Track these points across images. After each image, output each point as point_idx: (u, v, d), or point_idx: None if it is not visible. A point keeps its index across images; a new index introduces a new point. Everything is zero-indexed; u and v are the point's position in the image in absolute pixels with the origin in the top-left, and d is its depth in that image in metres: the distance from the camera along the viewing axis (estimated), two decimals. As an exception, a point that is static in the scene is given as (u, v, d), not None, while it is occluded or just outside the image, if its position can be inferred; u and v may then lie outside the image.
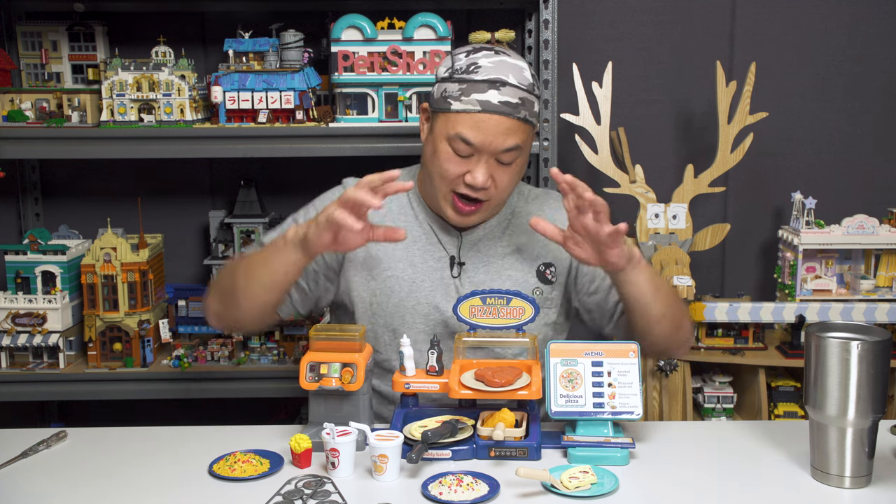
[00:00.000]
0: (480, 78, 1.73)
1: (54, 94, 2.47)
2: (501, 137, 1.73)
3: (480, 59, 1.75)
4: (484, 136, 1.72)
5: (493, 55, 1.76)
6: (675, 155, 2.78)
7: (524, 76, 1.76)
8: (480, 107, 1.72)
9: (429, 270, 1.86)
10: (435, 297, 1.85)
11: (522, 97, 1.74)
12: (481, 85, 1.72)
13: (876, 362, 1.44)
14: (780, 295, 2.62)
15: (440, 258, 1.87)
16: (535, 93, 1.78)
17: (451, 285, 1.86)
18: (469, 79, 1.73)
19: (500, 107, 1.72)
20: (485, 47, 1.79)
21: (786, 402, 2.52)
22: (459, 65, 1.76)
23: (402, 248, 1.86)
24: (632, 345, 1.63)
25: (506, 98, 1.72)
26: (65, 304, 2.42)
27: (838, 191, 2.74)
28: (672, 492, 1.48)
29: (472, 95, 1.72)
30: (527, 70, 1.78)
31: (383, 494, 1.47)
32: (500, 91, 1.72)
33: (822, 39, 2.75)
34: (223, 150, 2.38)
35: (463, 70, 1.75)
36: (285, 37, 2.42)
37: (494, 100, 1.72)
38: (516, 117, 1.73)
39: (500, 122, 1.72)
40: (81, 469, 1.59)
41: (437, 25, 2.35)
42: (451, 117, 1.74)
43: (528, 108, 1.75)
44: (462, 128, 1.73)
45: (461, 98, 1.73)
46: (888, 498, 1.45)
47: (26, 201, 2.77)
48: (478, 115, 1.72)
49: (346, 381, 1.61)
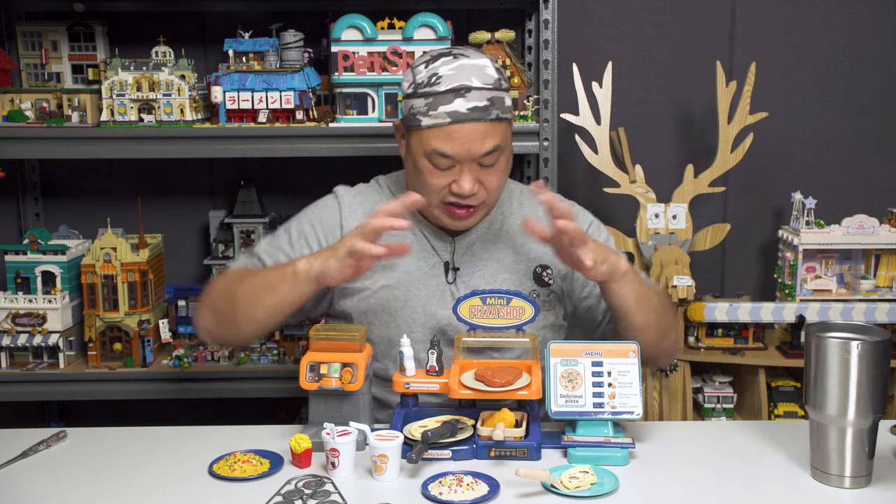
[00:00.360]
0: (444, 88, 1.68)
1: (54, 94, 2.47)
2: (478, 143, 1.69)
3: (440, 67, 1.71)
4: (460, 146, 1.69)
5: (453, 60, 1.71)
6: (675, 155, 2.78)
7: (488, 74, 1.71)
8: (450, 118, 1.68)
9: (423, 278, 1.84)
10: (431, 305, 1.83)
11: (490, 97, 1.69)
12: (446, 95, 1.68)
13: (876, 362, 1.44)
14: (780, 295, 2.62)
15: (434, 265, 1.86)
16: (502, 87, 1.73)
17: (446, 291, 1.84)
18: (432, 91, 1.69)
19: (470, 114, 1.68)
20: (443, 53, 1.74)
21: (786, 402, 2.52)
22: (421, 78, 1.72)
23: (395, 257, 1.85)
24: (632, 345, 1.63)
25: (473, 103, 1.68)
26: (65, 304, 2.42)
27: (838, 191, 2.74)
28: (672, 492, 1.48)
29: (440, 108, 1.68)
30: (489, 67, 1.73)
31: (383, 494, 1.47)
32: (466, 98, 1.68)
33: (822, 39, 2.75)
34: (223, 150, 2.38)
35: (425, 83, 1.70)
36: (285, 37, 2.42)
37: (462, 108, 1.67)
38: (488, 119, 1.69)
39: (474, 128, 1.68)
40: (81, 469, 1.59)
41: (437, 25, 2.35)
42: (424, 133, 1.71)
43: (498, 106, 1.71)
44: (436, 142, 1.69)
45: (429, 113, 1.69)
46: (888, 498, 1.45)
47: (26, 201, 2.77)
48: (449, 127, 1.68)
49: (346, 381, 1.61)
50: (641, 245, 2.55)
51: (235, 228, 2.65)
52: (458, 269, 1.85)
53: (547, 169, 2.38)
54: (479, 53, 1.76)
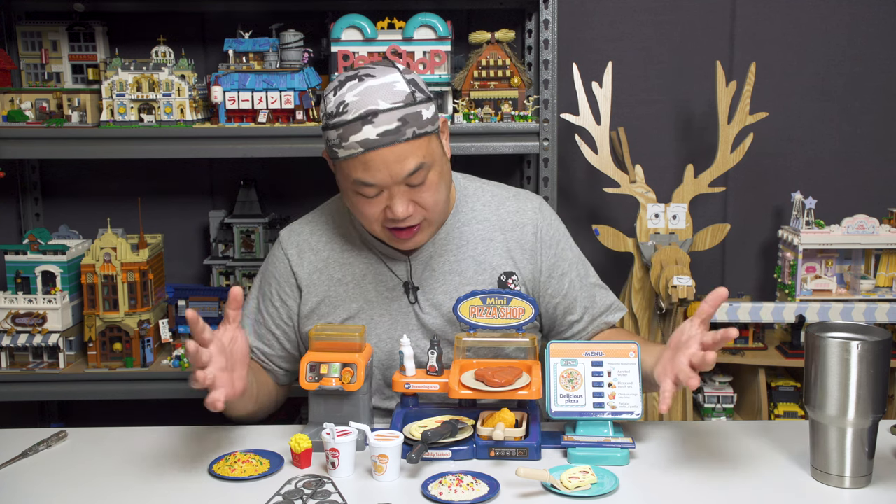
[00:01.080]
0: (351, 117, 1.60)
1: (54, 94, 2.47)
2: (397, 166, 1.61)
3: (346, 94, 1.62)
4: (379, 172, 1.61)
5: (357, 84, 1.62)
6: (675, 155, 2.78)
7: (396, 91, 1.62)
8: (362, 147, 1.60)
9: (384, 303, 1.79)
10: (395, 331, 1.78)
11: (402, 116, 1.60)
12: (354, 124, 1.60)
13: (876, 362, 1.44)
14: (780, 295, 2.62)
15: (393, 287, 1.80)
16: (416, 101, 1.63)
17: (409, 314, 1.79)
18: (341, 121, 1.61)
19: (381, 139, 1.59)
20: (349, 76, 1.64)
21: (786, 402, 2.52)
22: (330, 108, 1.64)
23: (352, 285, 1.80)
24: (632, 345, 1.63)
25: (383, 128, 1.59)
26: (65, 304, 2.42)
27: (838, 191, 2.74)
28: (672, 492, 1.48)
29: (350, 139, 1.60)
30: (399, 82, 1.63)
31: (383, 494, 1.47)
32: (374, 123, 1.59)
33: (822, 39, 2.75)
34: (223, 150, 2.38)
35: (334, 113, 1.62)
36: (285, 37, 2.42)
37: (371, 135, 1.59)
38: (403, 140, 1.61)
39: (389, 153, 1.60)
40: (81, 469, 1.59)
41: (437, 25, 2.35)
42: (343, 165, 1.65)
43: (413, 123, 1.62)
44: (356, 173, 1.63)
45: (342, 145, 1.62)
46: (888, 498, 1.45)
47: (26, 201, 2.77)
48: (364, 157, 1.61)
49: (346, 381, 1.61)
50: (641, 245, 2.55)
51: (235, 228, 2.65)
52: (418, 288, 1.79)
53: (547, 169, 2.38)
54: (388, 68, 1.66)
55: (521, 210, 1.84)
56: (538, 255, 1.82)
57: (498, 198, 1.86)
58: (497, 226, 1.82)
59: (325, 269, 1.82)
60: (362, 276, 1.81)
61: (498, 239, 1.81)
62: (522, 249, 1.82)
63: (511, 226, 1.82)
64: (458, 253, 1.81)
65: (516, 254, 1.81)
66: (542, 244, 1.82)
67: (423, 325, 1.79)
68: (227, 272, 2.67)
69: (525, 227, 1.82)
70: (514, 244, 1.81)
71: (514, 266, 1.81)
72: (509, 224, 1.82)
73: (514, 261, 1.81)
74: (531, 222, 1.83)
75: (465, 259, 1.80)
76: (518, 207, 1.85)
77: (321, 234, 1.85)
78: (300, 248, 1.85)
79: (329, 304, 1.81)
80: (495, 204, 1.85)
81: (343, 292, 1.81)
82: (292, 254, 1.84)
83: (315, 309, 1.82)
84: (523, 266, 1.81)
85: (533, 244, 1.82)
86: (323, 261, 1.82)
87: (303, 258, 1.84)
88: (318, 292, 1.82)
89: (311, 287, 1.82)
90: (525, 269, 1.81)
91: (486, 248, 1.81)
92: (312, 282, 1.82)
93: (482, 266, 1.80)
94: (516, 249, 1.81)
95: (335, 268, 1.82)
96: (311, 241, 1.85)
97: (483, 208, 1.84)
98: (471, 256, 1.80)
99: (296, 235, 1.87)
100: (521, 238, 1.82)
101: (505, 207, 1.85)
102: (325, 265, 1.82)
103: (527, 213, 1.84)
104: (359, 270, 1.81)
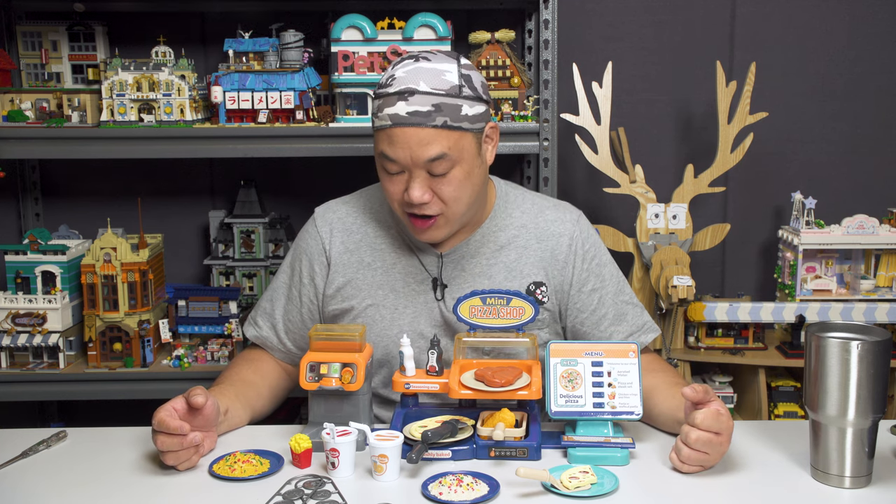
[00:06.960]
0: (392, 90, 1.63)
1: (54, 94, 2.47)
2: (419, 149, 1.62)
3: (398, 69, 1.65)
4: (400, 150, 1.63)
5: (412, 63, 1.65)
6: (675, 155, 2.78)
7: (443, 80, 1.63)
8: (391, 121, 1.63)
9: (411, 294, 1.80)
10: (419, 324, 1.79)
11: (437, 103, 1.62)
12: (392, 98, 1.63)
13: (876, 362, 1.44)
14: (780, 295, 2.62)
15: (422, 280, 1.80)
16: (462, 95, 1.64)
17: (434, 309, 1.79)
18: (384, 93, 1.65)
19: (409, 118, 1.61)
20: (412, 55, 1.68)
21: (786, 402, 2.52)
22: (383, 79, 1.67)
23: (381, 272, 1.81)
24: (632, 345, 1.63)
25: (414, 108, 1.61)
26: (65, 304, 2.42)
27: (838, 191, 2.74)
28: (672, 492, 1.48)
29: (385, 111, 1.64)
30: (451, 73, 1.64)
31: (383, 494, 1.47)
32: (409, 101, 1.61)
33: (822, 39, 2.75)
34: (223, 150, 2.38)
35: (383, 84, 1.66)
36: (285, 37, 2.43)
37: (402, 111, 1.61)
38: (431, 125, 1.61)
39: (413, 133, 1.62)
40: (81, 469, 1.59)
41: (437, 25, 2.35)
42: (376, 135, 1.68)
43: (448, 112, 1.62)
44: (381, 145, 1.66)
45: (378, 114, 1.65)
46: (888, 498, 1.45)
47: (26, 201, 2.77)
48: (391, 130, 1.63)
49: (346, 381, 1.61)
50: (641, 245, 2.55)
51: (235, 228, 2.65)
52: (446, 285, 1.80)
53: (547, 169, 2.38)
54: (448, 58, 1.68)
55: (560, 220, 1.84)
56: (570, 266, 1.81)
57: (537, 206, 1.86)
58: (534, 234, 1.82)
59: (357, 251, 1.83)
60: (392, 265, 1.82)
61: (533, 247, 1.81)
62: (555, 260, 1.81)
63: (547, 235, 1.82)
64: (492, 257, 1.81)
65: (548, 264, 1.81)
66: (574, 256, 1.82)
67: (446, 322, 1.80)
68: (227, 272, 2.68)
69: (561, 238, 1.82)
70: (547, 254, 1.81)
71: (544, 276, 1.80)
72: (546, 233, 1.82)
73: (545, 271, 1.80)
74: (567, 233, 1.82)
75: (496, 264, 1.80)
76: (557, 217, 1.84)
77: (356, 216, 1.87)
78: (333, 225, 1.86)
79: (354, 287, 1.82)
80: (534, 212, 1.84)
81: (371, 277, 1.81)
82: (324, 231, 1.86)
83: (340, 289, 1.83)
84: (553, 276, 1.81)
85: (566, 255, 1.81)
86: (355, 242, 1.84)
87: (334, 236, 1.85)
88: (346, 273, 1.83)
89: (340, 266, 1.83)
90: (555, 279, 1.81)
91: (519, 256, 1.81)
92: (342, 262, 1.83)
93: (513, 273, 1.80)
94: (549, 259, 1.81)
95: (366, 251, 1.83)
96: (347, 220, 1.87)
97: (522, 215, 1.84)
98: (503, 262, 1.80)
99: (331, 213, 1.89)
100: (556, 248, 1.81)
101: (543, 216, 1.84)
102: (357, 247, 1.83)
103: (564, 224, 1.83)
104: (389, 258, 1.82)
